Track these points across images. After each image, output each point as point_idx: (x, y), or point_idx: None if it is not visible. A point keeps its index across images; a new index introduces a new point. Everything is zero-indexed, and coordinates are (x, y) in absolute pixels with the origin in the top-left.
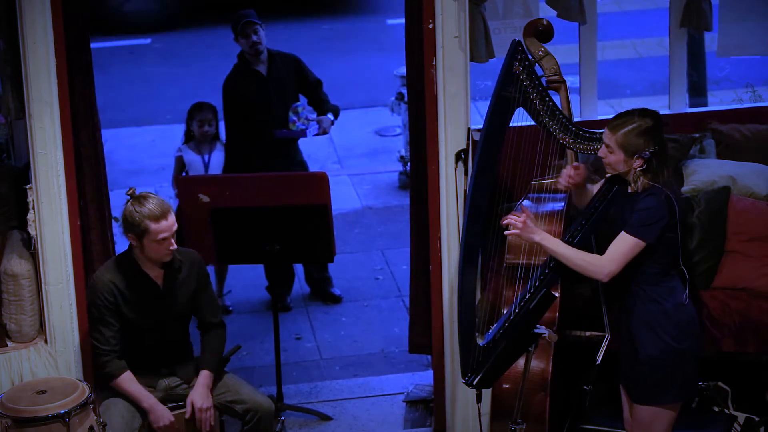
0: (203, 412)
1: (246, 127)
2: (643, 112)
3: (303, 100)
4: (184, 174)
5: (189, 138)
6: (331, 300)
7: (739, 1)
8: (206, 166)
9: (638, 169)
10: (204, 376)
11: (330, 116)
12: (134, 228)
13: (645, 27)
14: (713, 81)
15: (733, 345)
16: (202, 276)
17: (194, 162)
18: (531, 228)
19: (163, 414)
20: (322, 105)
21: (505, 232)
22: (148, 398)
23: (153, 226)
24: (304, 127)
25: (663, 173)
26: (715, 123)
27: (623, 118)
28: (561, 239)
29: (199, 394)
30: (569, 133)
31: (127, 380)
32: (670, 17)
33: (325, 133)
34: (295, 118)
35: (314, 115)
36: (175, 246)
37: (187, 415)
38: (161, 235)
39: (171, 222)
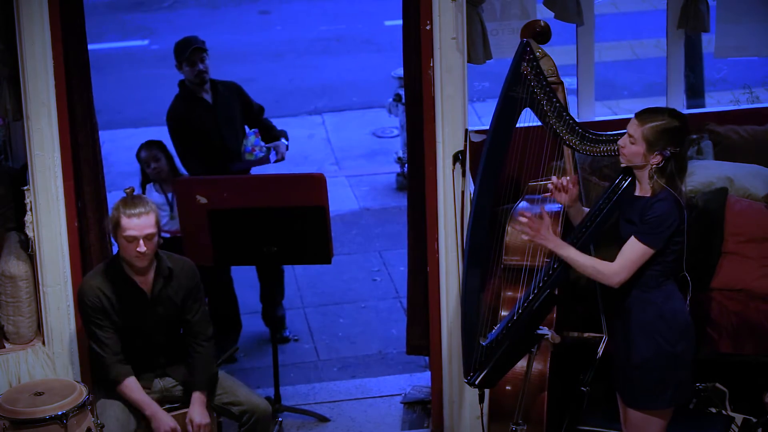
0: (203, 428)
1: (201, 158)
2: (674, 113)
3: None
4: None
5: (147, 179)
6: (280, 341)
7: (736, 2)
8: (171, 204)
9: (654, 166)
10: (198, 397)
11: (284, 141)
12: (112, 220)
13: (642, 28)
14: (711, 82)
15: (731, 346)
16: (193, 285)
17: (159, 204)
18: (544, 235)
19: (166, 422)
20: (270, 131)
21: (523, 237)
22: (150, 406)
23: (124, 219)
24: (263, 154)
25: (679, 179)
26: (713, 124)
27: (654, 112)
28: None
29: (198, 412)
30: (575, 135)
31: (131, 387)
32: (668, 18)
33: (282, 159)
34: (250, 149)
35: (265, 144)
36: (144, 249)
37: None
38: (128, 232)
39: (144, 223)
